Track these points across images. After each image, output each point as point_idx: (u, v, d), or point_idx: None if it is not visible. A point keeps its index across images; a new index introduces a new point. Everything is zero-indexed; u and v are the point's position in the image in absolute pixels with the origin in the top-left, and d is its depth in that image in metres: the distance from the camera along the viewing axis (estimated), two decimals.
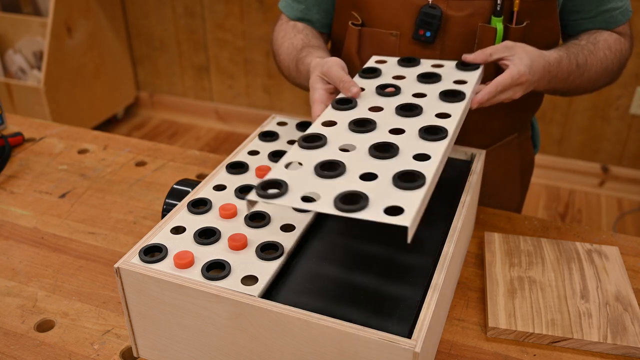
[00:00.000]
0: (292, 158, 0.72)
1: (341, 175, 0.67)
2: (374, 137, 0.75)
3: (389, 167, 0.69)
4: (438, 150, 0.72)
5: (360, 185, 0.65)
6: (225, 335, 0.71)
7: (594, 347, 0.79)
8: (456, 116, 0.80)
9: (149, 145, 1.31)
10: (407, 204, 0.61)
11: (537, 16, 0.99)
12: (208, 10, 2.94)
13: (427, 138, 0.74)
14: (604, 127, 2.56)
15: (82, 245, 1.01)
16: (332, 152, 0.73)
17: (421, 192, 0.63)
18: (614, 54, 1.02)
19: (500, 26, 0.97)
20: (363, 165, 0.69)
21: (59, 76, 2.77)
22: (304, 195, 0.64)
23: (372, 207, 0.61)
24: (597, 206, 2.57)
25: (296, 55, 1.04)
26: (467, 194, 0.87)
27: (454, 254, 0.78)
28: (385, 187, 0.65)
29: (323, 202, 0.63)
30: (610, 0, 1.01)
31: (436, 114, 0.80)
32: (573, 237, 1.02)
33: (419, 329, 0.63)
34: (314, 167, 0.69)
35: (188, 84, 3.20)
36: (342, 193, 0.63)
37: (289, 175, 0.68)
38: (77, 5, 2.79)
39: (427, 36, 0.99)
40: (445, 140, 0.74)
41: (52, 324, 0.85)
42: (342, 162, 0.69)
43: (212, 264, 0.72)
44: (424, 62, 0.97)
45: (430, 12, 0.98)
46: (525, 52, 0.90)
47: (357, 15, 1.05)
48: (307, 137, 0.75)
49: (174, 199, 0.91)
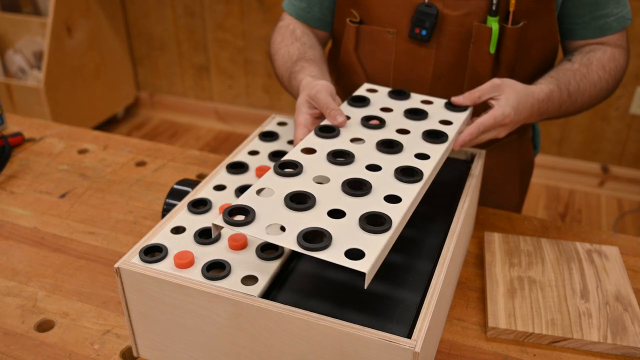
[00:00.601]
0: (265, 184, 0.72)
1: (309, 209, 0.68)
2: (349, 172, 0.76)
3: (359, 205, 0.69)
4: (410, 193, 0.72)
5: (327, 222, 0.66)
6: (225, 335, 0.71)
7: (594, 347, 0.79)
8: (435, 159, 0.80)
9: (149, 145, 1.31)
10: (370, 248, 0.62)
11: (534, 17, 0.99)
12: (208, 10, 2.94)
13: (401, 179, 0.74)
14: (603, 127, 2.56)
15: (82, 245, 1.01)
16: (306, 183, 0.73)
17: (385, 238, 0.64)
18: (608, 73, 1.02)
19: (496, 26, 0.97)
20: (333, 201, 0.70)
21: (59, 76, 2.77)
22: (269, 225, 0.65)
23: (334, 247, 0.62)
24: (597, 206, 2.57)
25: (290, 67, 1.04)
26: (467, 194, 0.87)
27: (454, 254, 0.78)
28: (351, 227, 0.65)
29: (287, 236, 0.64)
30: (605, 6, 1.00)
31: (415, 154, 0.81)
32: (573, 237, 1.02)
33: (419, 329, 0.63)
34: (284, 197, 0.69)
35: (188, 84, 3.20)
36: (306, 229, 0.64)
37: (259, 202, 0.69)
38: (77, 5, 2.79)
39: (423, 35, 1.00)
40: (419, 184, 0.74)
41: (52, 324, 0.85)
42: (313, 195, 0.70)
43: (212, 264, 0.72)
44: (414, 97, 0.96)
45: (426, 11, 0.98)
46: (513, 91, 0.89)
47: (355, 12, 1.06)
48: (282, 163, 0.76)
49: (174, 199, 0.91)
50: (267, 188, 0.72)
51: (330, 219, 0.67)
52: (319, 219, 0.66)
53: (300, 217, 0.67)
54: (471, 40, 0.99)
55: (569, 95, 0.97)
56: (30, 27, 2.85)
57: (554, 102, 0.95)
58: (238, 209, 0.67)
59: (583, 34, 1.04)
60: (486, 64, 1.00)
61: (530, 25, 0.99)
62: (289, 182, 0.73)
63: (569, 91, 0.97)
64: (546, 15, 1.00)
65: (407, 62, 1.04)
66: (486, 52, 0.99)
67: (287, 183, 0.73)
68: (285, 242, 0.63)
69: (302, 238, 0.63)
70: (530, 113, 0.91)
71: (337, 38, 1.16)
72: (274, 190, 0.71)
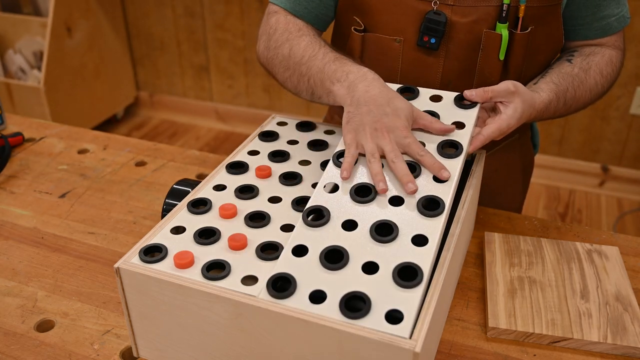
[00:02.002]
0: (298, 240, 0.74)
1: (345, 267, 0.70)
2: (374, 212, 0.77)
3: (389, 255, 0.72)
4: (435, 230, 0.74)
5: (362, 281, 0.68)
6: (225, 335, 0.71)
7: (594, 347, 0.79)
8: (453, 179, 0.80)
9: (149, 145, 1.31)
10: (406, 307, 0.66)
11: (542, 22, 0.98)
12: (208, 10, 2.94)
13: (425, 213, 0.76)
14: (603, 127, 2.56)
15: (82, 245, 1.01)
16: (335, 232, 0.75)
17: (419, 291, 0.67)
18: (605, 78, 1.02)
19: (506, 32, 0.96)
20: (366, 253, 0.72)
21: (59, 76, 2.77)
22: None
23: (374, 312, 0.65)
24: (597, 206, 2.57)
25: (330, 58, 0.93)
26: (467, 194, 0.87)
27: (454, 254, 0.78)
28: (385, 284, 0.68)
29: (329, 305, 0.66)
30: (606, 7, 1.00)
31: (434, 177, 0.81)
32: (573, 237, 1.02)
33: (419, 329, 0.63)
34: (319, 255, 0.72)
35: (188, 84, 3.20)
36: (346, 295, 0.67)
37: (297, 267, 0.71)
38: (77, 5, 2.79)
39: (432, 42, 0.98)
40: (442, 217, 0.75)
41: (52, 324, 0.85)
42: (346, 250, 0.72)
43: (212, 264, 0.72)
44: (423, 92, 0.94)
45: (435, 19, 0.96)
46: (522, 102, 0.89)
47: (359, 20, 1.03)
48: (311, 211, 0.78)
49: (174, 199, 0.91)
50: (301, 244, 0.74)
51: (364, 275, 0.69)
52: (356, 279, 0.69)
53: (337, 279, 0.69)
54: (480, 47, 0.98)
55: (564, 104, 0.98)
56: (30, 27, 2.85)
57: (550, 111, 0.97)
58: (280, 278, 0.70)
59: (585, 34, 1.04)
60: (495, 71, 0.99)
61: (538, 30, 0.98)
62: (321, 235, 0.74)
63: (565, 99, 0.98)
64: (553, 20, 0.99)
65: (415, 70, 1.03)
66: (495, 58, 0.98)
67: (319, 236, 0.74)
68: (327, 311, 0.65)
69: (344, 305, 0.65)
70: (526, 120, 0.92)
71: (338, 47, 1.13)
72: (308, 248, 0.73)
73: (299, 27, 1.02)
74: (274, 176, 0.91)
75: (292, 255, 0.72)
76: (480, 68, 1.00)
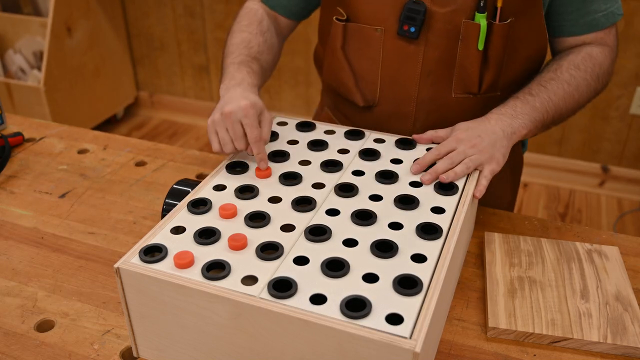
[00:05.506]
0: (300, 251, 0.75)
1: (346, 276, 0.71)
2: (374, 233, 0.79)
3: (388, 267, 0.73)
4: (433, 251, 0.75)
5: (363, 288, 0.69)
6: (225, 335, 0.71)
7: (594, 347, 0.79)
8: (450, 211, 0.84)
9: (149, 145, 1.31)
10: (407, 311, 0.66)
11: (522, 14, 1.00)
12: (208, 10, 2.94)
13: (423, 236, 0.77)
14: (604, 127, 2.56)
15: (82, 245, 1.01)
16: (336, 247, 0.76)
17: (419, 299, 0.68)
18: (585, 72, 1.03)
19: (484, 22, 0.97)
20: (366, 265, 0.73)
21: (59, 76, 2.77)
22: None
23: (375, 314, 0.66)
24: (597, 206, 2.57)
25: (244, 53, 1.08)
26: (467, 194, 0.87)
27: (454, 254, 0.78)
28: (386, 291, 0.69)
29: (330, 306, 0.67)
30: (593, 3, 1.01)
31: (433, 208, 0.84)
32: (573, 237, 1.02)
33: (419, 329, 0.63)
34: (320, 264, 0.73)
35: (188, 84, 3.20)
36: (347, 298, 0.67)
37: (299, 273, 0.72)
38: (77, 5, 2.79)
39: (412, 32, 1.00)
40: (440, 240, 0.78)
41: (52, 324, 0.85)
42: (347, 261, 0.73)
43: (212, 264, 0.72)
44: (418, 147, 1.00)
45: (414, 8, 0.99)
46: (462, 128, 0.96)
47: (341, 10, 1.06)
48: (313, 228, 0.79)
49: (173, 199, 0.91)
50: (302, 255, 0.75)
51: (365, 283, 0.70)
52: (357, 286, 0.69)
53: (338, 284, 0.70)
54: (459, 37, 1.00)
55: (543, 126, 1.01)
56: (30, 27, 2.84)
57: (529, 135, 1.00)
58: (281, 281, 0.70)
59: (571, 30, 1.04)
60: (474, 61, 1.01)
61: (518, 22, 1.00)
62: (322, 248, 0.76)
63: (544, 122, 1.00)
64: (534, 13, 1.01)
65: (396, 60, 1.05)
66: (474, 48, 1.00)
67: (321, 249, 0.75)
68: (328, 311, 0.65)
69: (345, 306, 0.66)
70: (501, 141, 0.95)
71: (323, 36, 1.16)
72: (309, 258, 0.74)
73: (259, 20, 1.14)
74: (274, 176, 0.91)
75: (293, 264, 0.73)
76: (460, 58, 1.02)
